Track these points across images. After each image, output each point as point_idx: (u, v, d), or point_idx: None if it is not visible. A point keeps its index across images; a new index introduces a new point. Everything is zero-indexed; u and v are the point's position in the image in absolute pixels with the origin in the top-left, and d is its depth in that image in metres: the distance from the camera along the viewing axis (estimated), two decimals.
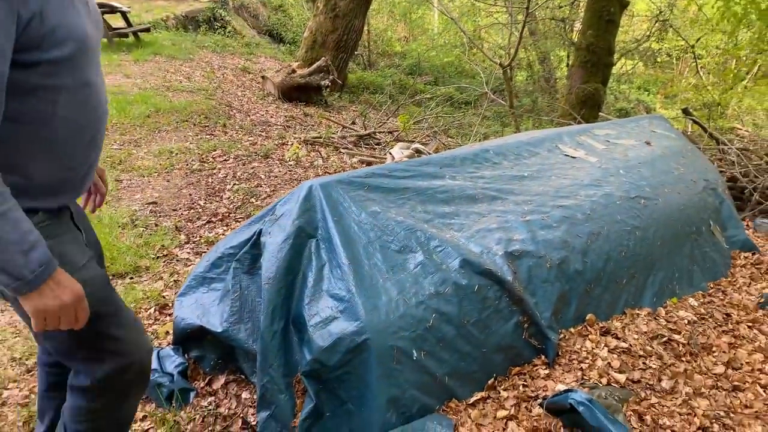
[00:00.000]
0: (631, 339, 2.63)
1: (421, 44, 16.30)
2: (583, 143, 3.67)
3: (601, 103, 9.06)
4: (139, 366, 1.51)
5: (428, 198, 2.63)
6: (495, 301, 2.32)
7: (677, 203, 3.38)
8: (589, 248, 2.73)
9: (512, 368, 2.37)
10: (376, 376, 1.97)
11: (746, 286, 3.48)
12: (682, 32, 13.57)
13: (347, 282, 2.09)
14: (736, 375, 2.57)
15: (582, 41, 9.19)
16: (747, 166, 5.78)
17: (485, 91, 9.69)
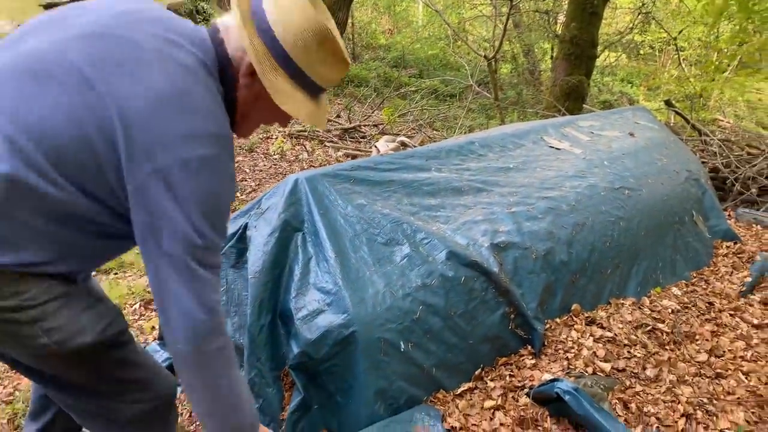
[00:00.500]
0: (615, 328, 2.65)
1: (405, 37, 16.27)
2: (567, 135, 3.69)
3: (585, 95, 9.10)
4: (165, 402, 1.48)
5: (414, 190, 2.64)
6: (481, 292, 2.34)
7: (660, 194, 3.41)
8: (574, 239, 2.75)
9: (499, 359, 2.39)
10: (364, 368, 1.97)
11: (728, 275, 3.53)
12: (665, 24, 13.66)
13: (334, 275, 2.09)
14: (718, 362, 2.61)
15: (566, 33, 9.22)
16: (729, 157, 5.85)
17: (470, 83, 9.71)
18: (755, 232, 4.40)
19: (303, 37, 1.23)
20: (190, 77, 1.15)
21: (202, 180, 1.12)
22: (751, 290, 3.36)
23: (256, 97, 1.28)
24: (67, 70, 1.09)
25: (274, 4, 1.24)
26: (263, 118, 1.38)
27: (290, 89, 1.26)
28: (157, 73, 1.11)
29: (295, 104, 1.27)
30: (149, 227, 1.12)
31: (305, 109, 1.29)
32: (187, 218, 1.11)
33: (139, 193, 1.10)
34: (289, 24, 1.23)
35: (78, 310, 1.22)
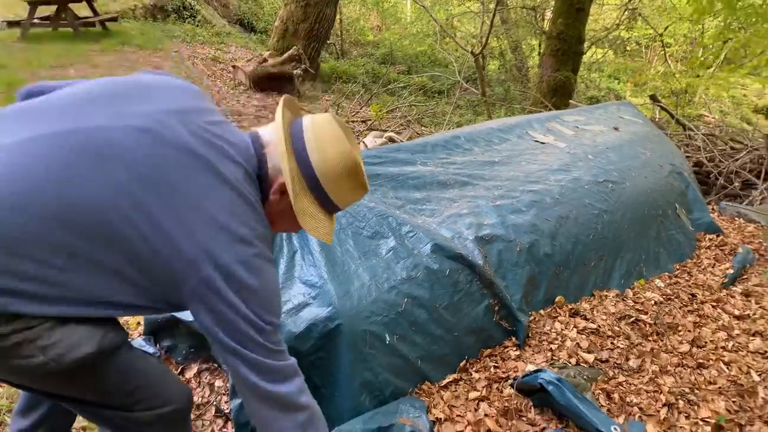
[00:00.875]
0: (599, 320, 2.68)
1: (393, 33, 16.28)
2: (552, 129, 3.71)
3: (571, 91, 9.16)
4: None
5: (400, 184, 2.65)
6: (466, 284, 2.35)
7: (644, 187, 3.45)
8: (558, 232, 2.77)
9: (483, 350, 2.40)
10: (349, 361, 1.98)
11: (711, 267, 3.57)
12: (651, 21, 13.76)
13: (319, 268, 2.10)
14: (700, 353, 2.65)
15: (553, 30, 9.28)
16: (713, 151, 5.91)
17: (458, 80, 9.73)
18: (738, 225, 4.46)
19: (336, 169, 1.33)
20: (239, 188, 1.22)
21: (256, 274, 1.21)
22: (733, 282, 3.41)
23: (281, 212, 1.35)
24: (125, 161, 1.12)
25: (313, 133, 1.33)
26: (283, 227, 1.45)
27: (314, 211, 1.35)
28: (212, 185, 1.18)
29: (317, 225, 1.35)
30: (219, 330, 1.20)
31: (324, 228, 1.37)
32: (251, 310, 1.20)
33: (200, 296, 1.17)
34: (324, 156, 1.32)
35: (73, 323, 1.18)
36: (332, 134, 1.34)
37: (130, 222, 1.11)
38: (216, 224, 1.16)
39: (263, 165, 1.32)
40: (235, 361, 1.22)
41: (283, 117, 1.34)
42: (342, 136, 1.35)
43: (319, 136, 1.33)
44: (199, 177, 1.17)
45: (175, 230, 1.13)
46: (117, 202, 1.10)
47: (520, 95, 11.80)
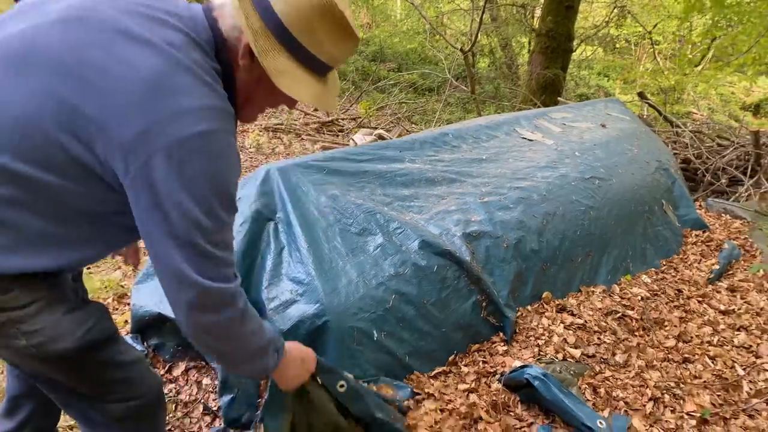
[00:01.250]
0: (586, 315, 2.70)
1: (383, 31, 16.24)
2: (540, 126, 3.73)
3: (561, 88, 9.19)
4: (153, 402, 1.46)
5: (388, 181, 2.65)
6: (454, 281, 2.36)
7: (631, 183, 3.47)
8: (545, 228, 2.79)
9: (471, 345, 2.42)
10: (337, 357, 1.99)
11: (697, 263, 3.61)
12: (640, 18, 13.82)
13: (306, 265, 2.10)
14: (686, 348, 2.67)
15: (542, 27, 9.30)
16: (700, 148, 5.96)
17: (448, 77, 9.74)
18: (724, 221, 4.50)
19: (306, 11, 1.13)
20: (178, 54, 1.06)
21: (203, 156, 1.05)
22: (719, 277, 3.44)
23: (258, 79, 1.19)
24: (45, 58, 1.03)
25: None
26: (268, 101, 1.28)
27: (293, 69, 1.16)
28: (141, 54, 1.03)
29: (299, 86, 1.17)
30: (153, 212, 1.05)
31: (310, 90, 1.19)
32: (194, 199, 1.05)
33: (139, 181, 1.03)
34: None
35: (60, 314, 1.17)
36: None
37: (60, 124, 1.01)
38: (146, 100, 1.01)
39: (218, 32, 1.16)
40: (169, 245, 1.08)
41: None
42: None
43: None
44: (123, 51, 1.03)
45: (102, 118, 1.01)
46: (42, 108, 1.01)
47: (509, 93, 11.83)
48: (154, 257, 1.11)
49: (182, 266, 1.08)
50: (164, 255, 1.09)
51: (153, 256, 1.11)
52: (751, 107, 16.03)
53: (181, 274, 1.09)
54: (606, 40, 16.66)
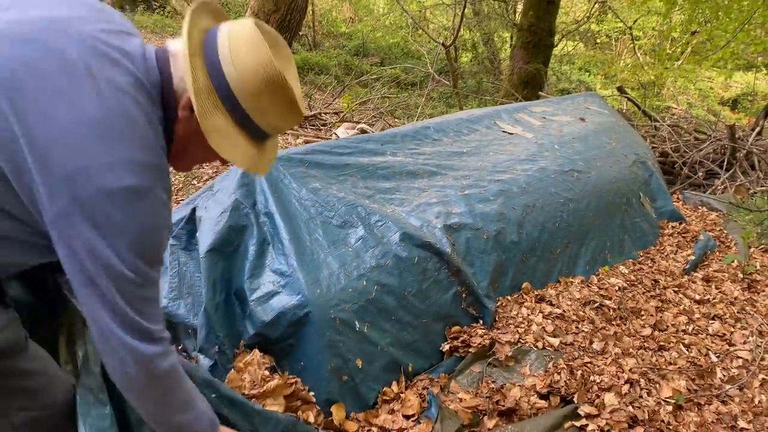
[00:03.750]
0: (564, 305, 2.75)
1: (366, 25, 16.22)
2: (520, 120, 3.77)
3: (542, 83, 9.27)
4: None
5: (369, 174, 2.67)
6: (434, 272, 2.39)
7: (609, 176, 3.53)
8: (525, 220, 2.83)
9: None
10: (319, 348, 2.01)
11: (673, 254, 3.68)
12: (620, 14, 13.95)
13: (288, 257, 2.11)
14: (662, 336, 2.74)
15: (524, 22, 9.36)
16: (677, 142, 6.06)
17: (430, 72, 9.78)
18: (701, 213, 4.59)
19: (254, 80, 1.14)
20: (123, 99, 1.04)
21: (129, 211, 1.03)
22: (695, 268, 3.52)
23: (195, 132, 1.15)
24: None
25: (228, 39, 1.14)
26: (203, 155, 1.26)
27: (230, 132, 1.17)
28: (85, 93, 1.00)
29: (234, 149, 1.17)
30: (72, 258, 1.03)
31: (243, 154, 1.20)
32: (115, 252, 1.03)
33: (60, 226, 1.01)
34: (240, 63, 1.13)
35: None
36: (251, 41, 1.14)
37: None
38: (85, 144, 0.98)
39: (167, 78, 1.14)
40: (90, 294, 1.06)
41: (191, 22, 1.14)
42: (263, 44, 1.14)
43: (235, 43, 1.14)
44: (65, 83, 0.99)
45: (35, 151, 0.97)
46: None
47: (492, 87, 11.89)
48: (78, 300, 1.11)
49: (101, 315, 1.07)
50: (85, 302, 1.08)
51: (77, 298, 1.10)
52: (729, 102, 16.28)
53: (101, 323, 1.08)
54: (587, 35, 16.81)
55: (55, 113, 0.98)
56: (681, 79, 13.39)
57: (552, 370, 2.28)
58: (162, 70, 1.14)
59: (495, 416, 2.11)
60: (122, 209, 1.02)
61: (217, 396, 1.62)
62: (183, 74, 1.13)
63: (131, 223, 1.04)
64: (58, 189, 0.98)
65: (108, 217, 1.01)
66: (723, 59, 7.93)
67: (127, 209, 1.03)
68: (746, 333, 2.82)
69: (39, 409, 1.31)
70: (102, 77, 1.02)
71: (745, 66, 14.80)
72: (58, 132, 0.98)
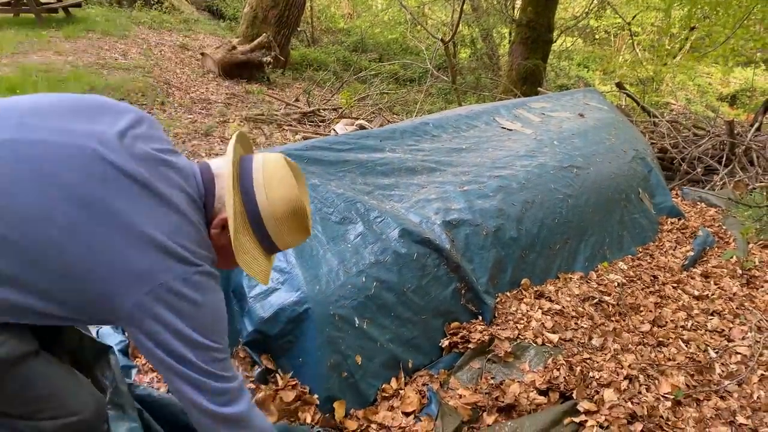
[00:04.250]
0: (563, 301, 2.75)
1: (365, 21, 16.17)
2: (519, 116, 3.77)
3: (541, 79, 9.25)
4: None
5: (368, 170, 2.67)
6: (434, 268, 2.39)
7: (608, 172, 3.53)
8: (524, 216, 2.83)
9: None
10: (318, 344, 2.00)
11: (672, 250, 3.68)
12: (619, 10, 13.93)
13: (287, 254, 2.11)
14: (660, 332, 2.74)
15: (523, 18, 9.35)
16: (676, 138, 6.05)
17: (429, 68, 9.75)
18: (699, 209, 4.59)
19: (282, 212, 1.33)
20: (183, 211, 1.21)
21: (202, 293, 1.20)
22: (693, 264, 3.52)
23: (219, 248, 1.32)
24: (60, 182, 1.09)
25: (263, 173, 1.33)
26: (220, 264, 1.40)
27: (253, 249, 1.35)
28: (157, 215, 1.16)
29: (253, 263, 1.35)
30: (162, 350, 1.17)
31: (260, 267, 1.37)
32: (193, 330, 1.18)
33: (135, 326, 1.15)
34: (271, 195, 1.32)
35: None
36: (282, 176, 1.34)
37: (59, 241, 1.07)
38: (153, 244, 1.14)
39: (209, 196, 1.31)
40: (178, 381, 1.21)
41: (234, 152, 1.34)
42: (292, 179, 1.35)
43: (268, 176, 1.33)
44: (137, 198, 1.15)
45: (107, 252, 1.10)
46: (48, 220, 1.07)
47: (490, 83, 11.87)
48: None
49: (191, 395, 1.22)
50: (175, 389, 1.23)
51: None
52: (728, 98, 16.26)
53: (192, 401, 1.23)
54: (586, 31, 16.78)
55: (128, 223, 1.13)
56: (680, 75, 13.38)
57: (551, 366, 2.28)
58: (207, 188, 1.31)
59: (494, 412, 2.11)
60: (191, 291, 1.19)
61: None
62: (221, 196, 1.30)
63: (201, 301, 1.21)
64: (132, 286, 1.13)
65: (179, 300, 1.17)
66: (723, 55, 7.91)
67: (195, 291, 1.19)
68: (745, 329, 2.83)
69: (69, 415, 1.32)
70: (163, 192, 1.19)
71: (744, 62, 14.79)
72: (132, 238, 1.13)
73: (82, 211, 1.08)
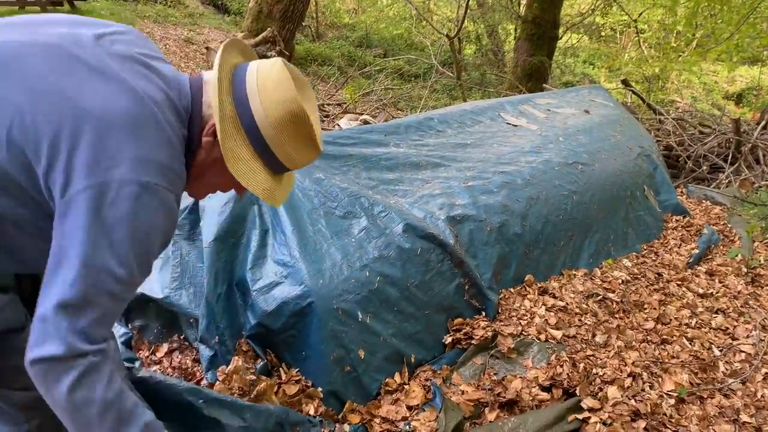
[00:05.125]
0: (567, 298, 2.74)
1: (370, 16, 16.15)
2: (524, 112, 3.76)
3: (546, 75, 9.22)
4: None
5: (373, 165, 2.66)
6: (437, 263, 2.38)
7: (613, 169, 3.52)
8: (528, 212, 2.82)
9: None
10: (321, 338, 2.00)
11: (677, 248, 3.67)
12: (625, 7, 13.87)
13: (291, 248, 2.10)
14: (664, 329, 2.73)
15: (528, 14, 9.32)
16: (682, 136, 6.03)
17: (434, 63, 9.74)
18: (704, 207, 4.57)
19: (278, 112, 1.19)
20: (153, 107, 1.09)
21: (136, 206, 1.04)
22: (698, 262, 3.51)
23: (214, 160, 1.21)
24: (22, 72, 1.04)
25: (257, 74, 1.21)
26: (218, 183, 1.30)
27: (250, 160, 1.21)
28: (121, 94, 1.05)
29: (252, 177, 1.21)
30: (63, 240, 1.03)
31: (261, 184, 1.22)
32: (109, 243, 1.03)
33: (71, 205, 1.02)
34: (266, 97, 1.19)
35: None
36: (279, 79, 1.20)
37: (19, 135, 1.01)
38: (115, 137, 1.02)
39: (196, 105, 1.20)
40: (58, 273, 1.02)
41: (222, 56, 1.21)
42: (290, 82, 1.21)
43: (263, 78, 1.20)
44: (102, 86, 1.05)
45: (57, 138, 1.01)
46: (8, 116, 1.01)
47: (495, 79, 11.85)
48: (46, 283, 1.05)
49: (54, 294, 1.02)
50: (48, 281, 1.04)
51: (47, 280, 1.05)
52: (734, 96, 16.19)
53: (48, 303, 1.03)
54: (592, 28, 16.72)
55: (87, 107, 1.02)
56: (685, 72, 13.32)
57: (554, 363, 2.27)
58: (194, 97, 1.20)
59: (496, 408, 2.10)
60: (130, 201, 1.03)
61: (204, 401, 1.62)
62: (211, 101, 1.18)
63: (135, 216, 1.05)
64: (79, 174, 1.01)
65: (113, 204, 1.02)
66: (727, 51, 7.87)
67: (135, 202, 1.04)
68: (749, 327, 2.82)
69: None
70: (135, 84, 1.08)
71: (750, 60, 14.72)
72: (89, 124, 1.02)
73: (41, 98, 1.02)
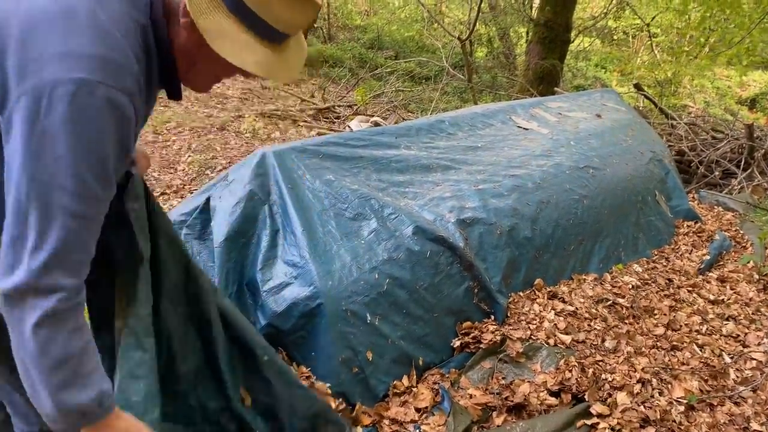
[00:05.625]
0: (577, 302, 2.73)
1: (381, 18, 16.16)
2: (535, 115, 3.75)
3: (558, 79, 9.18)
4: None
5: (383, 167, 2.66)
6: (447, 266, 2.38)
7: (624, 173, 3.50)
8: (539, 216, 2.81)
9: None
10: (330, 339, 2.01)
11: (688, 253, 3.64)
12: (638, 10, 13.80)
13: (301, 248, 2.11)
14: (675, 336, 2.71)
15: (540, 17, 9.28)
16: (694, 141, 5.98)
17: (445, 66, 9.73)
18: (716, 213, 4.54)
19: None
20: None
21: (74, 107, 0.91)
22: (709, 268, 3.48)
23: (199, 44, 1.03)
24: None
25: None
26: (214, 69, 1.12)
27: (235, 33, 1.02)
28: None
29: (241, 51, 1.03)
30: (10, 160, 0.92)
31: (255, 57, 1.04)
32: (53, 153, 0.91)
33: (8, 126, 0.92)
34: None
35: None
36: None
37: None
38: (40, 37, 0.91)
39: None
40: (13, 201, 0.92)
41: None
42: None
43: None
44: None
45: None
46: None
47: (507, 82, 11.81)
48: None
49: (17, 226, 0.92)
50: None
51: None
52: (747, 101, 16.05)
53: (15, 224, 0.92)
54: (604, 31, 16.64)
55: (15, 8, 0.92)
56: (698, 77, 13.24)
57: (563, 368, 2.26)
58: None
59: (504, 412, 2.10)
60: (66, 102, 0.91)
61: (269, 359, 1.57)
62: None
63: (69, 119, 0.91)
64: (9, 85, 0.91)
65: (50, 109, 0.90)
66: (738, 55, 7.81)
67: (72, 103, 0.91)
68: (761, 334, 2.79)
69: None
70: None
71: (763, 65, 14.59)
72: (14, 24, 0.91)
73: None
